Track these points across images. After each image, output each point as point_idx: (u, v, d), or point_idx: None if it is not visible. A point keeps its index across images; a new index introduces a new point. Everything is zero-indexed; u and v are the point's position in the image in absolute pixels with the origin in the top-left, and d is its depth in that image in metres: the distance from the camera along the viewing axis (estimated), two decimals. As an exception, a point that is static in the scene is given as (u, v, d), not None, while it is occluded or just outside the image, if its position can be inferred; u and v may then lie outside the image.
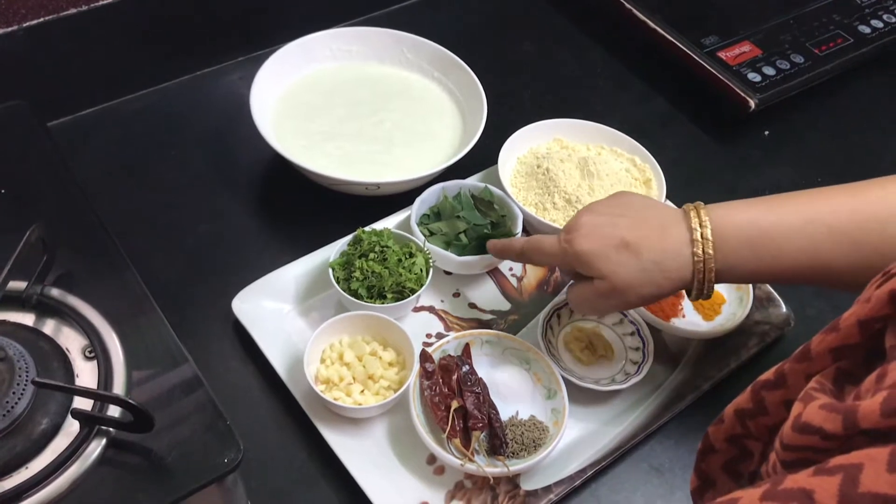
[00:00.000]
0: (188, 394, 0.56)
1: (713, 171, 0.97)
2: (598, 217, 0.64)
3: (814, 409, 0.38)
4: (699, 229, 0.61)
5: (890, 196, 0.58)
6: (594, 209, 0.65)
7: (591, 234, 0.63)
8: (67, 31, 0.84)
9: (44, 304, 0.59)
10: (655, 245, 0.61)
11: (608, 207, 0.65)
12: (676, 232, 0.62)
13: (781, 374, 0.45)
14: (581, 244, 0.63)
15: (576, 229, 0.64)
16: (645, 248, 0.61)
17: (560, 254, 0.65)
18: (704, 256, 0.60)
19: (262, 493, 0.64)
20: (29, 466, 0.51)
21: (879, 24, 1.07)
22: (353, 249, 0.74)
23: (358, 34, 0.95)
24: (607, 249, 0.62)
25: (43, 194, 0.68)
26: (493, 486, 0.65)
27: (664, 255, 0.61)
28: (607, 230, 0.63)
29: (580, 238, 0.63)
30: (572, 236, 0.64)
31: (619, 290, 0.62)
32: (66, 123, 0.90)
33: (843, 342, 0.42)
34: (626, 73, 1.08)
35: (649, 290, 0.62)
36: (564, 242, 0.64)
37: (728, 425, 0.50)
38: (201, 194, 0.86)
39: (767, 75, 0.98)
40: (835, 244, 0.58)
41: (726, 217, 0.61)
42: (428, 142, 0.89)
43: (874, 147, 1.02)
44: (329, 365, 0.69)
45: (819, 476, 0.33)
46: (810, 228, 0.59)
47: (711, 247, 0.60)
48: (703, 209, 0.62)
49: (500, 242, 0.73)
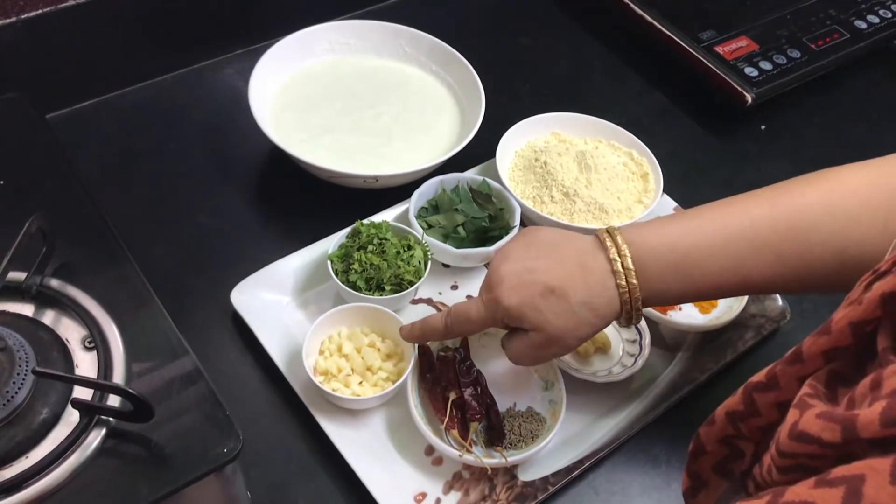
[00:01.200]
0: (187, 384, 0.56)
1: (710, 164, 0.97)
2: (515, 264, 0.61)
3: (810, 417, 0.37)
4: (619, 259, 0.59)
5: (808, 202, 0.57)
6: (509, 256, 0.62)
7: (515, 286, 0.60)
8: (66, 23, 0.84)
9: (43, 295, 0.59)
10: (579, 285, 0.59)
11: (522, 251, 0.62)
12: (596, 265, 0.59)
13: (773, 375, 0.45)
14: (508, 299, 0.60)
15: (497, 284, 0.61)
16: (570, 290, 0.59)
17: (489, 315, 0.62)
18: (629, 287, 0.58)
19: (260, 483, 0.64)
20: (29, 456, 0.51)
21: (876, 19, 1.07)
22: (352, 242, 0.74)
23: (356, 27, 0.95)
24: (534, 299, 0.59)
25: (42, 185, 0.68)
26: (490, 477, 0.66)
27: (590, 294, 0.59)
28: (528, 278, 0.60)
29: (505, 292, 0.60)
30: (496, 293, 0.61)
31: (555, 339, 0.60)
32: (64, 115, 0.90)
33: (835, 344, 0.41)
34: (624, 67, 1.08)
35: (585, 331, 0.60)
36: (490, 301, 0.61)
37: (719, 427, 0.50)
38: (200, 186, 0.86)
39: (764, 70, 0.98)
40: (758, 257, 0.57)
41: (645, 244, 0.59)
42: (426, 135, 0.89)
43: (870, 141, 1.03)
44: (328, 356, 0.69)
45: (821, 488, 0.32)
46: (732, 246, 0.58)
47: (634, 276, 0.58)
48: (618, 235, 0.59)
49: (418, 325, 0.67)
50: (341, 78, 0.93)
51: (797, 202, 0.58)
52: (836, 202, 0.57)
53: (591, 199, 0.82)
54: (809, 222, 0.57)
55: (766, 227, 0.57)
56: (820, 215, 0.57)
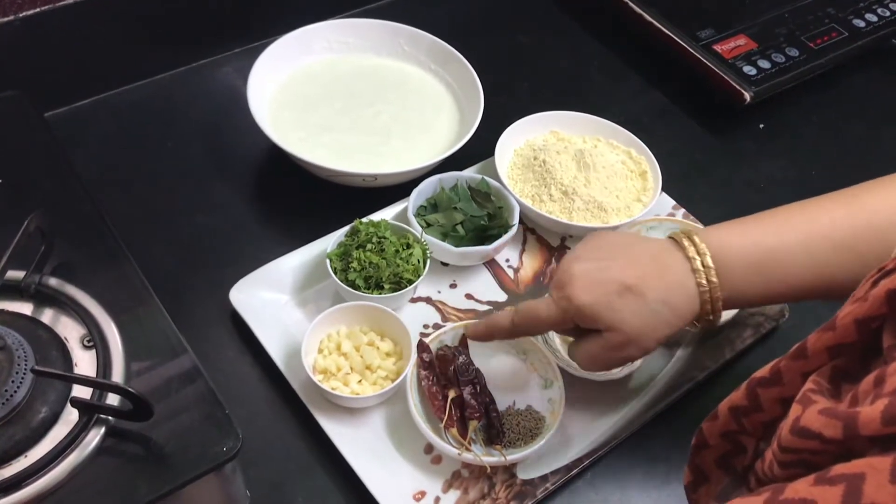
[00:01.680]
0: (186, 383, 0.56)
1: (708, 163, 0.97)
2: (587, 263, 0.59)
3: (813, 413, 0.37)
4: (698, 258, 0.57)
5: (884, 202, 0.57)
6: (580, 256, 0.61)
7: (588, 285, 0.58)
8: (64, 22, 0.84)
9: (42, 294, 0.59)
10: (658, 283, 0.57)
11: (593, 251, 0.61)
12: (675, 264, 0.58)
13: (777, 371, 0.45)
14: (581, 297, 0.58)
15: (568, 282, 0.59)
16: (649, 288, 0.57)
17: (559, 314, 0.59)
18: (710, 285, 0.57)
19: (260, 482, 0.64)
20: (28, 455, 0.51)
21: (874, 17, 1.07)
22: (351, 240, 0.74)
23: (355, 26, 0.95)
24: (609, 298, 0.57)
25: (41, 184, 0.68)
26: (489, 476, 0.66)
27: (669, 292, 0.57)
28: (602, 276, 0.58)
29: (577, 291, 0.58)
30: (567, 291, 0.58)
31: (633, 339, 0.58)
32: (62, 114, 0.90)
33: (840, 341, 0.41)
34: (622, 65, 1.08)
35: (663, 332, 0.58)
36: (561, 300, 0.59)
37: (722, 422, 0.50)
38: (199, 185, 0.86)
39: (763, 68, 0.98)
40: (839, 258, 0.56)
41: (725, 242, 0.58)
42: (425, 134, 0.89)
43: (868, 140, 1.03)
44: (327, 355, 0.69)
45: (820, 486, 0.32)
46: (813, 245, 0.57)
47: (715, 274, 0.57)
48: (695, 236, 0.58)
49: (483, 324, 0.65)
50: (340, 77, 0.93)
51: (873, 202, 0.57)
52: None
53: (589, 197, 0.82)
54: (887, 222, 0.56)
55: (845, 226, 0.56)
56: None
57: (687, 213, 0.87)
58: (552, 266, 0.82)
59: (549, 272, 0.82)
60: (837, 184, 0.95)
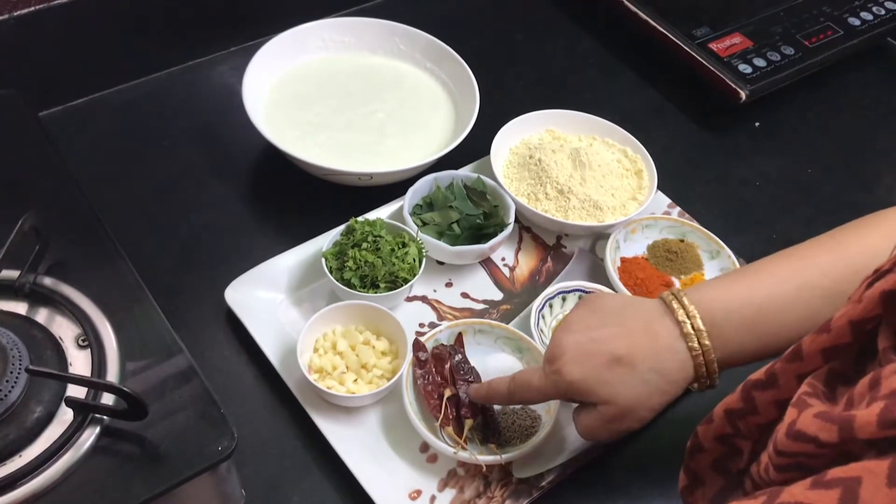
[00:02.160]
0: (182, 382, 0.56)
1: (704, 161, 0.97)
2: (577, 335, 0.58)
3: (808, 417, 0.37)
4: (689, 321, 0.56)
5: (872, 244, 0.56)
6: (570, 327, 0.60)
7: (578, 358, 0.57)
8: (59, 20, 0.84)
9: (37, 293, 0.59)
10: (648, 351, 0.56)
11: (583, 320, 0.60)
12: (664, 329, 0.57)
13: (772, 373, 0.45)
14: (571, 372, 0.57)
15: (559, 356, 0.58)
16: (639, 358, 0.56)
17: (552, 387, 0.59)
18: (703, 348, 0.56)
19: (255, 481, 0.64)
20: (23, 454, 0.51)
21: (869, 16, 1.07)
22: (346, 239, 0.74)
23: (350, 24, 0.95)
24: (600, 371, 0.56)
25: (36, 183, 0.68)
26: (485, 475, 0.66)
27: (660, 359, 0.56)
28: (592, 348, 0.57)
29: (567, 365, 0.57)
30: (558, 366, 0.58)
31: (627, 411, 0.57)
32: (57, 113, 0.89)
33: (835, 342, 0.41)
34: (618, 64, 1.08)
35: (658, 400, 0.57)
36: (553, 374, 0.58)
37: (717, 425, 0.50)
38: (193, 184, 0.86)
39: (758, 67, 0.98)
40: (830, 305, 0.54)
41: (714, 302, 0.57)
42: (420, 132, 0.89)
43: (863, 138, 1.03)
44: (322, 354, 0.69)
45: (817, 489, 0.32)
46: (805, 295, 0.56)
47: (707, 336, 0.56)
48: (683, 297, 0.57)
49: (485, 387, 0.65)
50: (335, 75, 0.93)
51: (861, 245, 0.56)
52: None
53: (585, 196, 0.82)
54: (876, 265, 0.56)
55: (835, 274, 0.55)
56: (885, 256, 0.56)
57: (682, 212, 0.87)
58: (547, 265, 0.82)
59: (544, 270, 0.82)
60: (833, 181, 0.96)
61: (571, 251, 0.84)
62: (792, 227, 0.91)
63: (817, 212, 0.93)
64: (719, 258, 0.82)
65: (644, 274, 0.79)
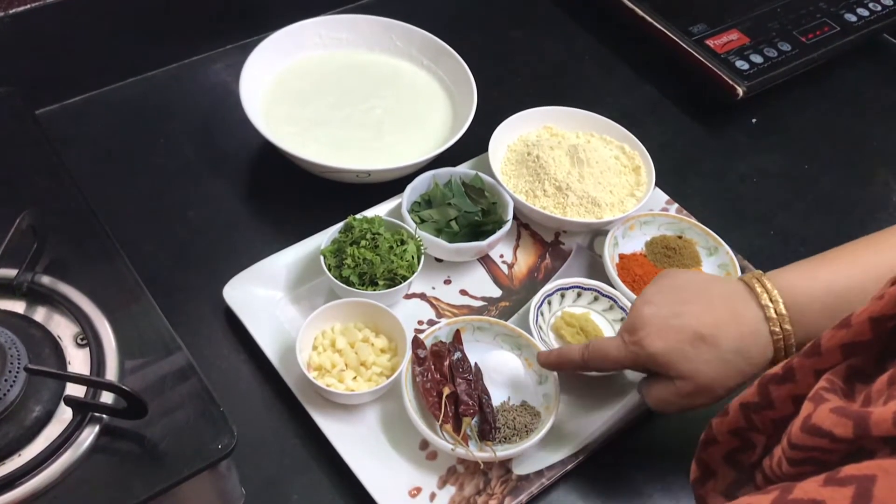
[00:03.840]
0: (181, 380, 0.56)
1: (701, 157, 0.97)
2: (661, 309, 0.60)
3: (824, 411, 0.37)
4: (772, 305, 0.57)
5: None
6: (653, 300, 0.61)
7: (661, 331, 0.58)
8: (54, 19, 0.84)
9: (35, 292, 0.59)
10: (732, 332, 0.57)
11: (667, 295, 0.61)
12: (749, 312, 0.58)
13: (790, 368, 0.45)
14: (653, 344, 0.58)
15: (641, 327, 0.59)
16: (722, 338, 0.57)
17: (630, 357, 0.60)
18: (784, 333, 0.57)
19: (255, 479, 0.64)
20: (22, 454, 0.51)
21: (865, 12, 1.08)
22: (345, 237, 0.74)
23: (347, 22, 0.95)
24: (682, 346, 0.57)
25: (33, 181, 0.67)
26: (485, 472, 0.66)
27: (743, 341, 0.57)
28: (676, 323, 0.58)
29: (650, 337, 0.59)
30: (639, 336, 0.59)
31: (704, 389, 0.58)
32: (53, 111, 0.89)
33: (854, 339, 0.41)
34: (615, 60, 1.08)
35: (735, 380, 0.58)
36: (633, 345, 0.60)
37: (732, 418, 0.50)
38: (191, 182, 0.85)
39: (755, 63, 0.98)
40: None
41: (797, 287, 0.57)
42: (418, 129, 0.89)
43: (859, 134, 1.03)
44: (321, 352, 0.69)
45: (830, 487, 0.32)
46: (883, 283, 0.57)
47: (789, 321, 0.57)
48: (767, 281, 0.58)
49: (555, 354, 0.67)
50: (332, 72, 0.93)
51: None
52: None
53: (583, 192, 0.82)
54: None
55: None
56: None
57: (680, 208, 0.87)
58: (545, 262, 0.82)
59: (543, 267, 0.82)
60: (829, 177, 0.96)
61: (570, 248, 0.84)
62: (789, 223, 0.91)
63: (814, 207, 0.93)
64: (717, 254, 0.82)
65: (642, 270, 0.79)
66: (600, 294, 0.78)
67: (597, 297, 0.78)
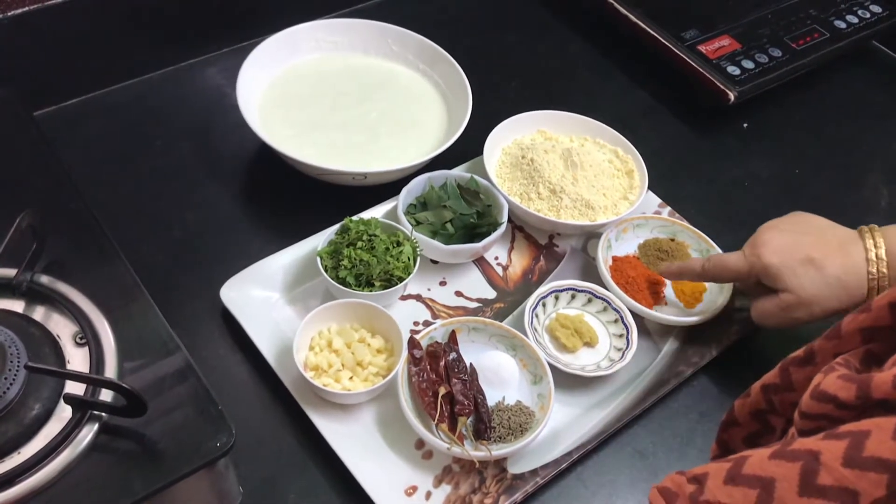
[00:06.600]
0: (179, 380, 0.56)
1: (693, 162, 0.98)
2: (783, 234, 0.70)
3: (832, 378, 0.39)
4: (874, 249, 0.66)
5: None
6: (777, 226, 0.71)
7: (779, 249, 0.68)
8: (53, 21, 0.84)
9: (34, 291, 0.59)
10: (837, 262, 0.66)
11: (791, 225, 0.71)
12: (855, 251, 0.67)
13: (811, 351, 0.47)
14: (769, 258, 0.68)
15: (762, 244, 0.69)
16: (828, 264, 0.66)
17: (747, 268, 0.70)
18: (878, 275, 0.65)
19: (252, 478, 0.65)
20: (21, 451, 0.51)
21: (855, 19, 1.09)
22: (341, 238, 0.75)
23: (343, 26, 0.95)
24: (793, 263, 0.67)
25: (32, 182, 0.68)
26: (480, 470, 0.66)
27: (845, 272, 0.66)
28: (793, 245, 0.68)
29: (768, 252, 0.69)
30: (759, 250, 0.69)
31: (804, 303, 0.67)
32: (51, 113, 0.89)
33: (874, 323, 0.43)
34: (609, 65, 1.09)
35: (832, 304, 0.67)
36: (752, 256, 0.70)
37: (753, 400, 0.51)
38: (188, 183, 0.86)
39: (746, 69, 0.99)
40: None
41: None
42: (414, 132, 0.89)
43: (850, 139, 1.05)
44: (318, 352, 0.70)
45: (827, 440, 0.35)
46: None
47: (885, 266, 0.65)
48: (877, 231, 0.67)
49: (677, 265, 0.77)
50: (329, 76, 0.94)
51: None
52: None
53: (577, 195, 0.83)
54: None
55: None
56: None
57: (673, 212, 0.88)
58: (539, 264, 0.83)
59: (537, 269, 0.83)
60: (820, 182, 0.97)
61: (564, 250, 0.84)
62: (780, 227, 0.92)
63: (804, 211, 0.94)
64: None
65: (635, 272, 0.80)
66: (594, 296, 0.79)
67: (591, 298, 0.79)
